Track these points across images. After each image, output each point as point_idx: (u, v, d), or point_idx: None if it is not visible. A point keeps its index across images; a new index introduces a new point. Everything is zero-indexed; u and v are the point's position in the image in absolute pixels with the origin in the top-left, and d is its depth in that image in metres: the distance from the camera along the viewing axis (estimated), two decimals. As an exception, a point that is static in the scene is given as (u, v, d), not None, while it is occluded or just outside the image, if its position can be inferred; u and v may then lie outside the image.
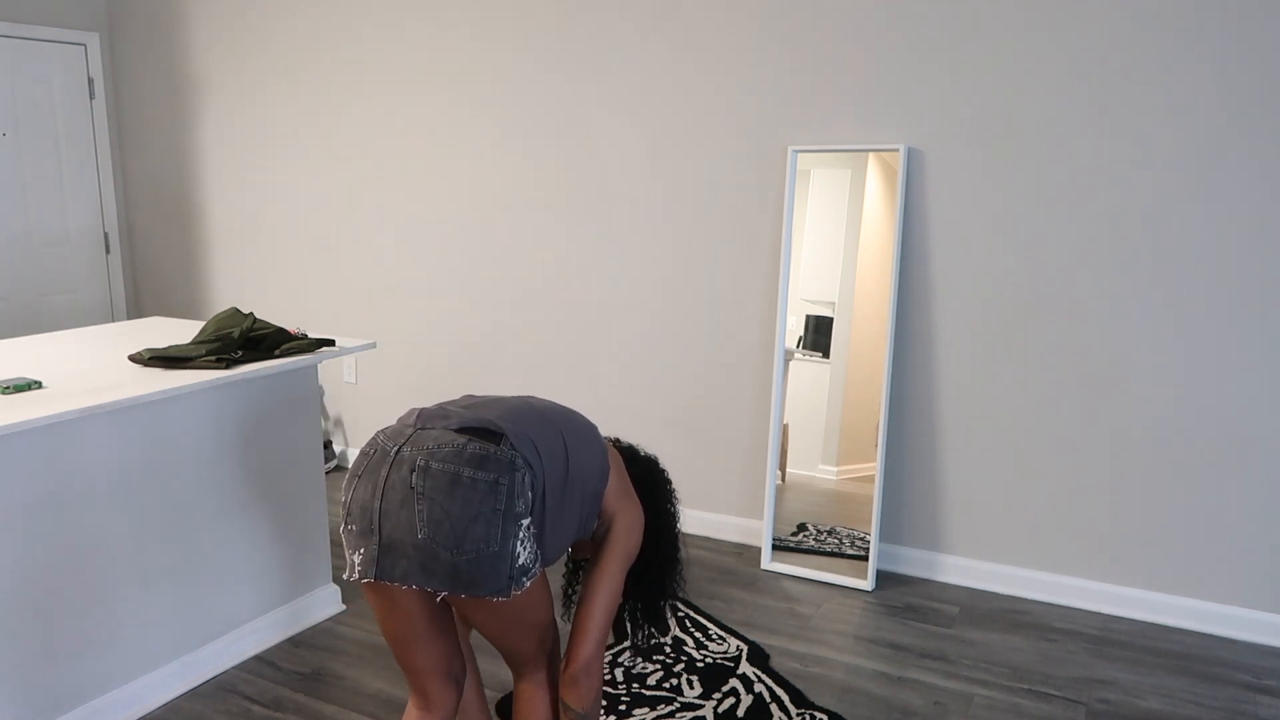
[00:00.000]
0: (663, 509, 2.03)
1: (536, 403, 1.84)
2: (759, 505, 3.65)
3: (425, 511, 1.56)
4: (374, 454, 1.64)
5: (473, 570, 1.57)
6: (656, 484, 2.03)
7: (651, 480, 2.02)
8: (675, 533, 2.05)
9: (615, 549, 1.85)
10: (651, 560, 2.02)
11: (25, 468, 2.21)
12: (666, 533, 2.04)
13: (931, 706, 2.58)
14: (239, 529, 2.76)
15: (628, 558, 1.87)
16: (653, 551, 2.02)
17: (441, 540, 1.55)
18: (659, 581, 2.04)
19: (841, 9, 3.24)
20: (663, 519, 2.03)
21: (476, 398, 1.85)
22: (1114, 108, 2.92)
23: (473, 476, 1.56)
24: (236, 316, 2.82)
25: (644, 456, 2.06)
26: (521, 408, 1.78)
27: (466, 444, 1.60)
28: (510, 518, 1.58)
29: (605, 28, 3.66)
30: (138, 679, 2.52)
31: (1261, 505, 2.91)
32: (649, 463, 2.06)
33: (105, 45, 5.05)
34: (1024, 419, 3.18)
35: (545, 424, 1.75)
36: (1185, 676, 2.75)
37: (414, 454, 1.59)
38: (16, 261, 4.80)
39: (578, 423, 1.84)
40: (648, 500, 2.01)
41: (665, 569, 2.04)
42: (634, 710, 2.52)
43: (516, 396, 1.87)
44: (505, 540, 1.58)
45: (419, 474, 1.57)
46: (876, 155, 3.30)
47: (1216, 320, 2.89)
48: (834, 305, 3.39)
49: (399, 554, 1.58)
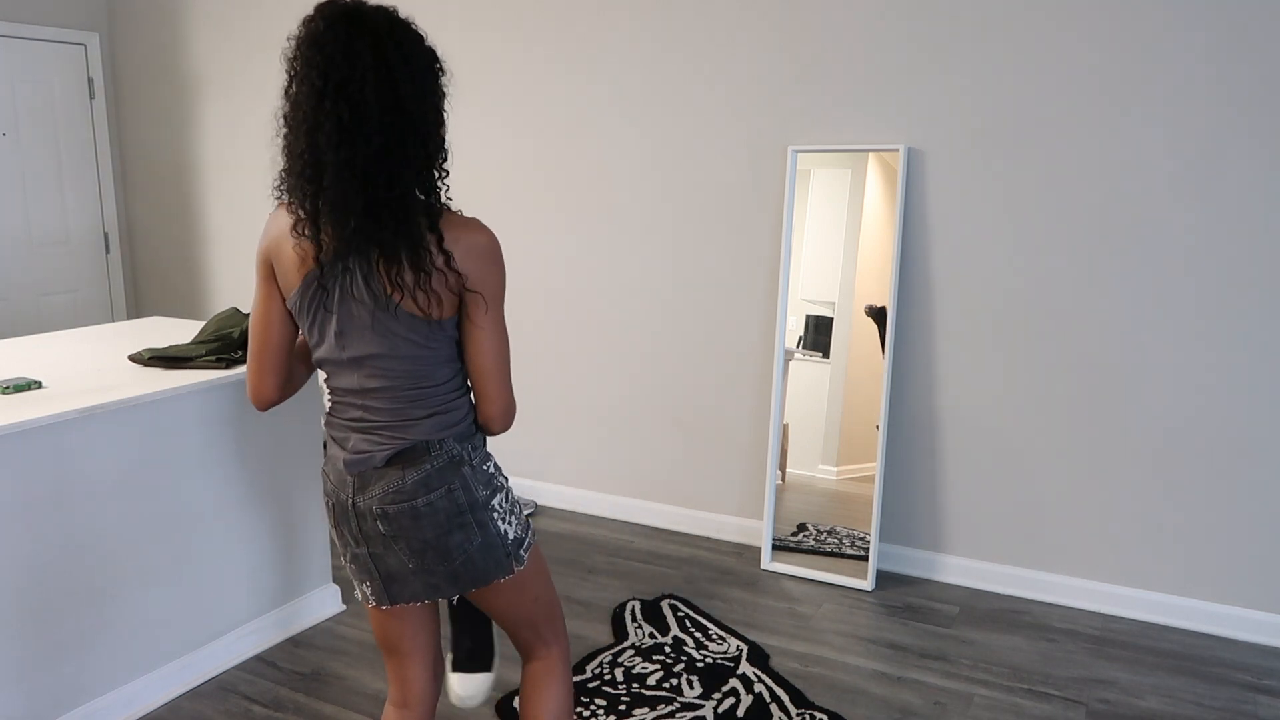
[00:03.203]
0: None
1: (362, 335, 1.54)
2: (759, 505, 3.65)
3: (405, 547, 1.60)
4: (336, 507, 1.65)
5: (471, 569, 1.61)
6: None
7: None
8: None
9: (482, 298, 1.54)
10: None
11: (25, 468, 2.21)
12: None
13: (931, 706, 2.58)
14: (238, 529, 2.76)
15: (496, 299, 1.56)
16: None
17: (431, 562, 1.60)
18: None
19: (842, 9, 3.24)
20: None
21: (347, 398, 1.61)
22: (1113, 108, 2.92)
23: (428, 501, 1.58)
24: (236, 316, 2.82)
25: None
26: (373, 356, 1.54)
27: (403, 475, 1.57)
28: (479, 508, 1.60)
29: (606, 28, 3.66)
30: (138, 679, 2.52)
31: (1261, 505, 2.91)
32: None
33: (105, 45, 5.05)
34: (1024, 419, 3.18)
35: (388, 342, 1.53)
36: (1185, 676, 2.75)
37: (368, 502, 1.60)
38: (16, 261, 4.80)
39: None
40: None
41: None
42: (634, 710, 2.52)
43: (355, 352, 1.55)
44: (485, 530, 1.60)
45: (382, 520, 1.59)
46: (876, 155, 3.30)
47: (1216, 320, 2.89)
48: (834, 305, 3.39)
49: (402, 583, 1.64)
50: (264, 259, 1.59)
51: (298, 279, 1.54)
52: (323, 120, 1.40)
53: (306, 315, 1.56)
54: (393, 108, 1.41)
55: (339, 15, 1.41)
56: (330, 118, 1.40)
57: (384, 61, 1.40)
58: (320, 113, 1.40)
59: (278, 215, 1.58)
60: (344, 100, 1.39)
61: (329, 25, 1.41)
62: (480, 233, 1.52)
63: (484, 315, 1.54)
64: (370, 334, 1.52)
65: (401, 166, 1.44)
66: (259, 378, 1.64)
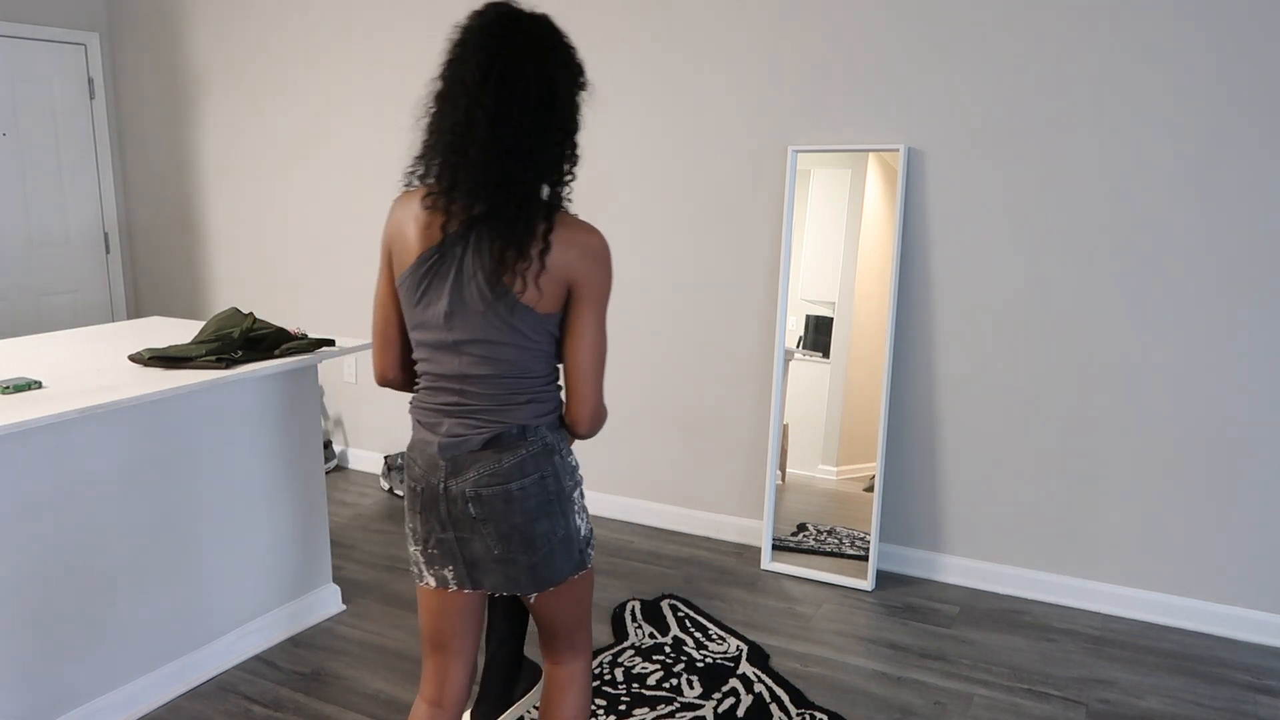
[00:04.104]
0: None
1: (475, 323, 1.60)
2: (759, 505, 3.65)
3: (493, 530, 1.64)
4: (424, 492, 1.69)
5: (550, 563, 1.67)
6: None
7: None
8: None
9: (588, 297, 1.62)
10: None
11: (25, 468, 2.21)
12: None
13: (931, 706, 2.58)
14: (239, 529, 2.76)
15: (601, 299, 1.64)
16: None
17: (516, 549, 1.65)
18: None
19: (842, 9, 3.24)
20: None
21: (442, 382, 1.65)
22: (1114, 107, 2.92)
23: (522, 486, 1.63)
24: (236, 316, 2.82)
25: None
26: (480, 342, 1.60)
27: (500, 458, 1.63)
28: (564, 499, 1.67)
29: (606, 28, 3.66)
30: (138, 679, 2.52)
31: (1261, 505, 2.91)
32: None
33: (105, 45, 5.05)
34: (1024, 419, 3.18)
35: (496, 331, 1.59)
36: (1185, 676, 2.75)
37: (461, 486, 1.64)
38: (16, 261, 4.80)
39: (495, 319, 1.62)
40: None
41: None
42: (634, 710, 2.52)
43: (461, 338, 1.61)
44: (567, 521, 1.67)
45: (474, 503, 1.64)
46: (876, 155, 3.30)
47: (1216, 320, 2.89)
48: (834, 305, 3.39)
49: (484, 570, 1.69)
50: (386, 244, 1.69)
51: (413, 257, 1.61)
52: (484, 98, 1.52)
53: (415, 293, 1.62)
54: (543, 100, 1.55)
55: (509, 12, 1.57)
56: (490, 95, 1.52)
57: (543, 59, 1.55)
58: (482, 91, 1.52)
59: (402, 200, 1.66)
60: (505, 84, 1.52)
61: (500, 18, 1.56)
62: (592, 235, 1.60)
63: (588, 314, 1.62)
64: (480, 319, 1.58)
65: (540, 152, 1.57)
66: (378, 356, 1.77)
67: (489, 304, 1.57)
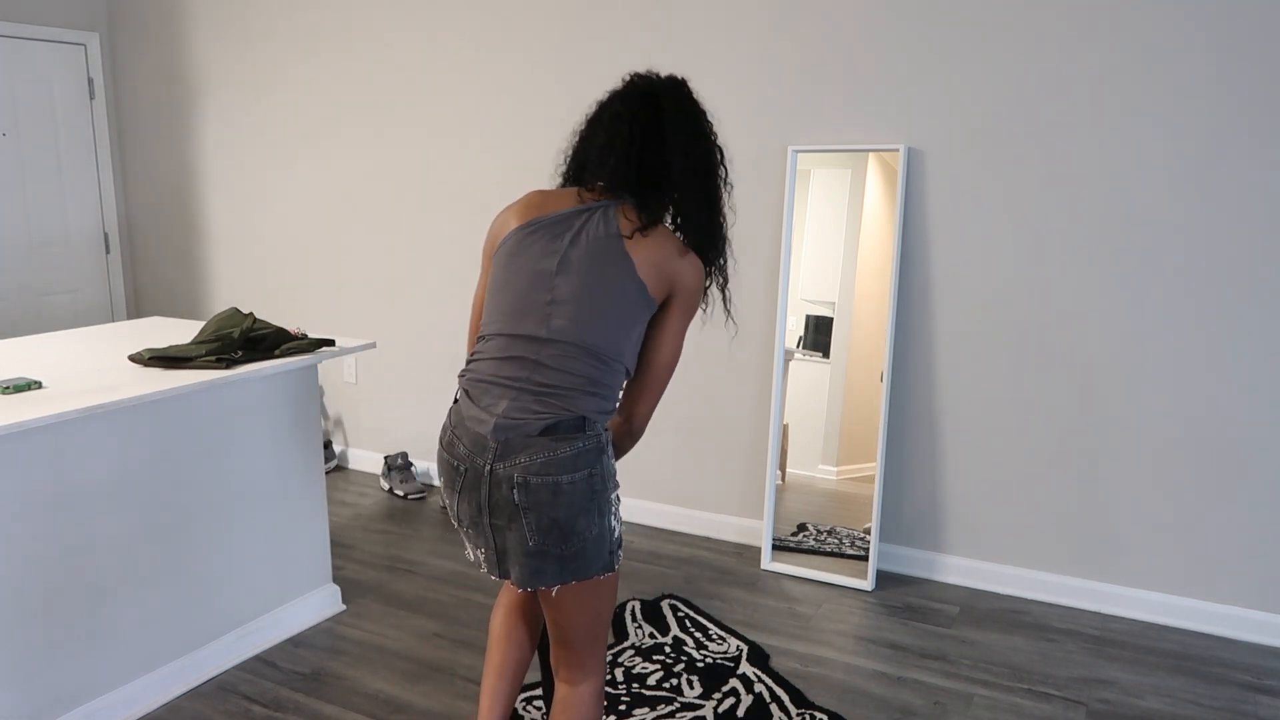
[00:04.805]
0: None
1: (590, 306, 1.69)
2: (759, 505, 3.65)
3: (534, 522, 1.64)
4: (468, 472, 1.68)
5: (579, 559, 1.67)
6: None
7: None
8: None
9: (682, 304, 1.76)
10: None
11: (25, 468, 2.21)
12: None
13: (931, 706, 2.58)
14: (239, 529, 2.76)
15: (691, 311, 1.78)
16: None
17: (552, 542, 1.65)
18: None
19: (842, 9, 3.24)
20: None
21: (525, 355, 1.68)
22: (1113, 108, 2.92)
23: (571, 480, 1.63)
24: (236, 316, 2.82)
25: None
26: (580, 327, 1.67)
27: (556, 447, 1.62)
28: (604, 500, 1.68)
29: (605, 27, 3.66)
30: (138, 679, 2.52)
31: (1261, 505, 2.91)
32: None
33: (105, 45, 5.05)
34: (1024, 419, 3.18)
35: (603, 324, 1.67)
36: (1185, 676, 2.75)
37: (509, 470, 1.63)
38: (16, 261, 4.80)
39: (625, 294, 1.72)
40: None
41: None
42: (634, 710, 2.52)
43: (570, 315, 1.68)
44: (604, 519, 1.68)
45: (520, 490, 1.63)
46: (876, 155, 3.30)
47: (1216, 320, 2.89)
48: (834, 305, 3.39)
49: (513, 561, 1.70)
50: (489, 243, 1.82)
51: (520, 222, 1.73)
52: (623, 128, 1.79)
53: (519, 250, 1.70)
54: (694, 143, 1.83)
55: (644, 83, 1.87)
56: (632, 127, 1.80)
57: (661, 111, 1.81)
58: (621, 120, 1.80)
59: (507, 208, 1.81)
60: (638, 124, 1.80)
61: (637, 85, 1.86)
62: (698, 259, 1.77)
63: (677, 321, 1.74)
64: (593, 275, 1.66)
65: (661, 178, 1.77)
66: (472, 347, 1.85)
67: (609, 259, 1.66)
